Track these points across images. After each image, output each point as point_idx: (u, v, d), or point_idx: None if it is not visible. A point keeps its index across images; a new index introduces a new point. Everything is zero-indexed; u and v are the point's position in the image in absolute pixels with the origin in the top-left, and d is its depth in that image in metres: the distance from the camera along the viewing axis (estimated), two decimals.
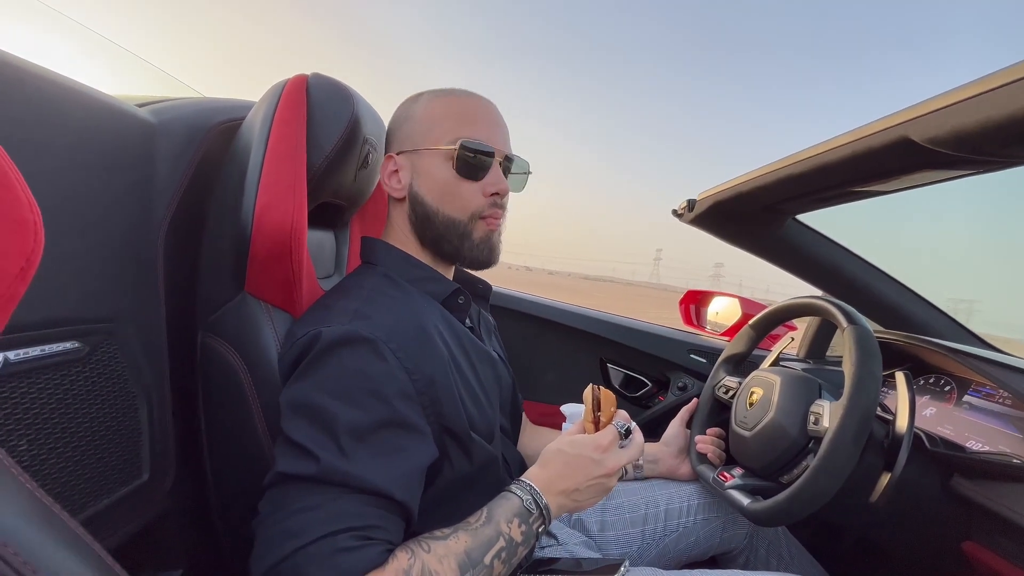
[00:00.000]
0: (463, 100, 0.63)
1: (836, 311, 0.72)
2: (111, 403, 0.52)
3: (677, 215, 1.12)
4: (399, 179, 0.64)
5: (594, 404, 0.59)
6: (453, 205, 0.62)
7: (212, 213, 0.62)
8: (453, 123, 0.61)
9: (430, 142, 0.61)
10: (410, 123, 0.63)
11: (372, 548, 0.43)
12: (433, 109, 0.62)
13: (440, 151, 0.61)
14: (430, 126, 0.61)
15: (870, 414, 0.61)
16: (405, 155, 0.63)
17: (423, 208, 0.63)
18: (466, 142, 0.60)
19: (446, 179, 0.61)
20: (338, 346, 0.49)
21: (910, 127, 0.53)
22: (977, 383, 0.81)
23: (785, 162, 0.75)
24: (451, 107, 0.62)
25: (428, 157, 0.62)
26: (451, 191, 0.61)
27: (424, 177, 0.62)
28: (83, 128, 0.50)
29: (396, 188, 0.64)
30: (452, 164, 0.60)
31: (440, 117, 0.61)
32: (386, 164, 0.64)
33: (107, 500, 0.50)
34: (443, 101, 0.62)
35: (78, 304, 0.48)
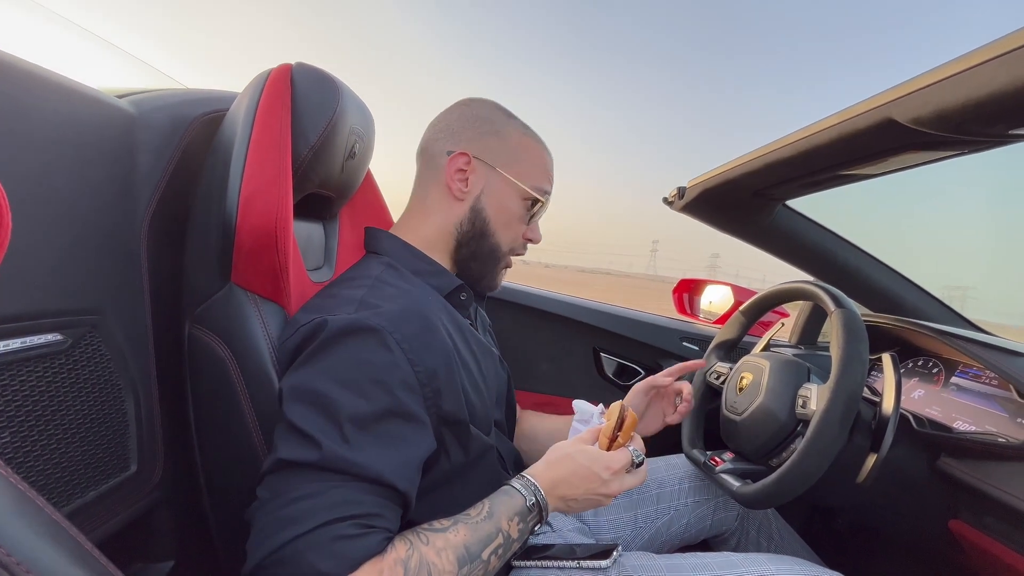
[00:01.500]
0: (547, 153, 0.70)
1: (824, 295, 0.72)
2: (96, 395, 0.51)
3: (668, 203, 1.12)
4: (467, 182, 0.64)
5: (618, 423, 0.59)
6: (504, 235, 0.67)
7: (196, 204, 0.61)
8: (541, 172, 0.68)
9: (516, 175, 0.65)
10: (500, 141, 0.65)
11: (372, 536, 0.43)
12: (528, 146, 0.67)
13: (522, 189, 0.66)
14: (520, 159, 0.66)
15: (856, 396, 0.61)
16: (484, 165, 0.64)
17: (484, 225, 0.65)
18: (547, 199, 0.68)
19: (513, 213, 0.66)
20: (344, 335, 0.49)
21: (894, 107, 0.53)
22: (964, 364, 0.81)
23: (773, 146, 0.75)
24: (541, 155, 0.68)
25: (508, 186, 0.65)
26: (510, 224, 0.67)
27: (496, 198, 0.65)
28: (60, 118, 0.49)
29: (461, 189, 0.64)
30: (526, 207, 0.67)
31: (533, 157, 0.67)
32: (457, 159, 0.63)
33: (94, 492, 0.50)
34: (537, 145, 0.68)
35: (60, 296, 0.48)
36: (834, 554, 0.97)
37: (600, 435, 0.59)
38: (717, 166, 0.94)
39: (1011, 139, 0.56)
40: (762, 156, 0.78)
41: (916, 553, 0.88)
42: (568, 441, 0.60)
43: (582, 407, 0.66)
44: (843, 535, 1.04)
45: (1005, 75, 0.41)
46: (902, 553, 0.91)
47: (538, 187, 0.66)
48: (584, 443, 0.58)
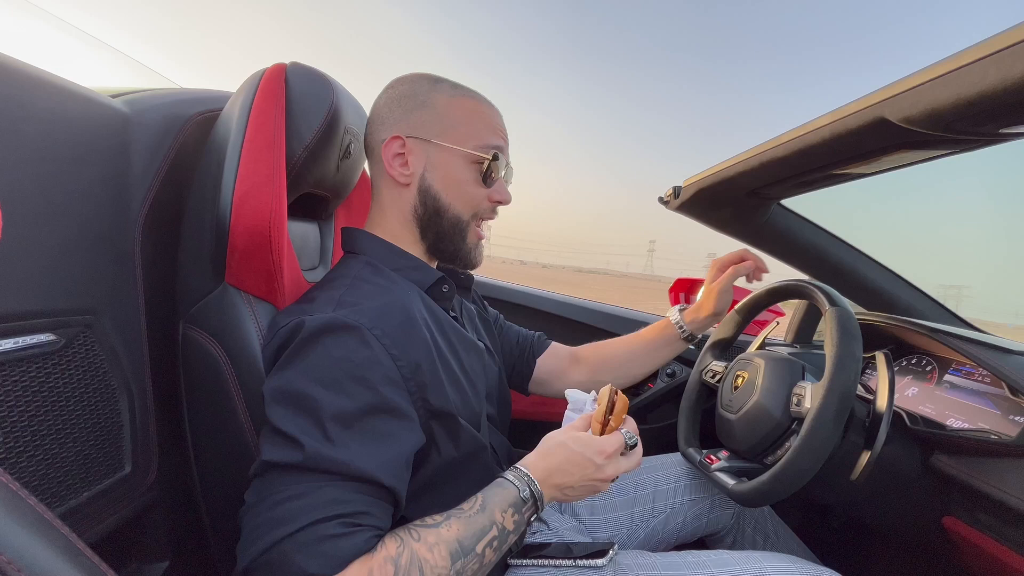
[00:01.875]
0: (488, 107, 0.64)
1: (818, 293, 0.73)
2: (90, 396, 0.51)
3: (663, 202, 1.12)
4: (407, 164, 0.62)
5: (608, 406, 0.58)
6: (462, 203, 0.63)
7: (190, 204, 0.61)
8: (482, 129, 0.63)
9: (455, 140, 0.61)
10: (429, 111, 0.61)
11: (360, 535, 0.43)
12: (459, 107, 0.62)
13: (466, 153, 0.62)
14: (456, 123, 0.62)
15: (850, 394, 0.62)
16: (418, 142, 0.61)
17: (435, 202, 0.63)
18: (498, 153, 0.63)
19: (465, 179, 0.62)
20: (322, 334, 0.49)
21: (885, 107, 0.53)
22: (957, 362, 0.82)
23: (766, 146, 0.76)
24: (479, 111, 0.63)
25: (450, 154, 0.61)
26: (465, 191, 0.63)
27: (441, 172, 0.62)
28: (54, 118, 0.49)
29: (403, 173, 0.62)
30: (479, 169, 0.63)
31: (468, 118, 0.62)
32: (391, 144, 0.61)
33: (88, 493, 0.50)
34: (470, 103, 0.63)
35: (53, 296, 0.48)
36: (830, 551, 0.97)
37: (592, 420, 0.59)
38: (712, 165, 0.94)
39: (1002, 138, 0.56)
40: (756, 155, 0.78)
41: (911, 549, 0.88)
42: (560, 430, 0.59)
43: (575, 396, 0.66)
44: (838, 532, 1.04)
45: (995, 74, 0.41)
46: (897, 550, 0.92)
47: (482, 145, 0.62)
48: (577, 430, 0.58)
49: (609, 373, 0.91)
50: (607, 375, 0.90)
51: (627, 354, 0.91)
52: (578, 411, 0.65)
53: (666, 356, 0.91)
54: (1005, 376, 0.69)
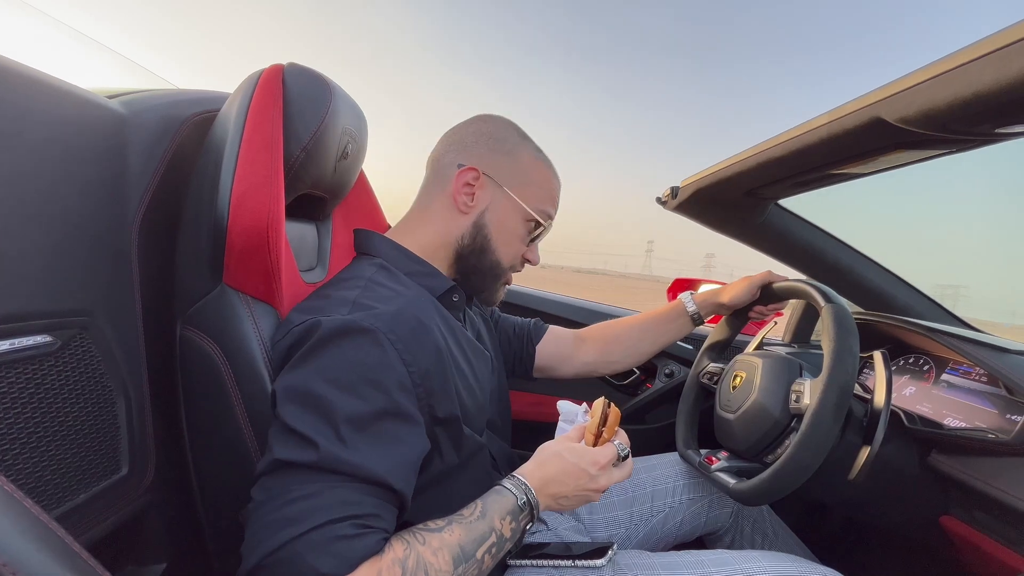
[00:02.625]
0: (556, 180, 0.71)
1: (814, 291, 0.73)
2: (86, 397, 0.51)
3: (661, 203, 1.13)
4: (474, 196, 0.65)
5: (601, 419, 0.59)
6: (505, 253, 0.68)
7: (188, 205, 0.61)
8: (548, 197, 0.69)
9: (523, 196, 0.66)
10: (512, 161, 0.66)
11: (371, 537, 0.43)
12: (538, 169, 0.68)
13: (526, 211, 0.67)
14: (528, 181, 0.67)
15: (849, 388, 0.62)
16: (491, 182, 0.65)
17: (485, 241, 0.66)
18: (550, 223, 0.70)
19: (515, 232, 0.67)
20: (338, 336, 0.49)
21: (882, 107, 0.54)
22: (954, 361, 0.82)
23: (764, 146, 0.76)
24: (550, 180, 0.69)
25: (513, 206, 0.66)
26: (511, 243, 0.68)
27: (500, 216, 0.66)
28: (50, 119, 0.49)
29: (466, 203, 0.65)
30: (528, 229, 0.68)
31: (541, 181, 0.68)
32: (466, 172, 0.64)
33: (85, 495, 0.50)
34: (547, 170, 0.69)
35: (49, 297, 0.48)
36: (828, 550, 0.97)
37: (585, 432, 0.60)
38: (710, 166, 0.95)
39: (997, 138, 0.56)
40: (753, 155, 0.79)
41: (908, 548, 0.89)
42: (555, 440, 0.60)
43: (566, 407, 0.67)
44: (837, 531, 1.05)
45: (990, 74, 0.41)
46: (895, 548, 0.92)
47: (542, 210, 0.68)
48: (570, 441, 0.59)
49: (620, 350, 0.93)
50: (618, 353, 0.93)
51: (638, 331, 0.94)
52: (570, 422, 0.65)
53: (674, 334, 0.93)
54: (1002, 375, 0.70)
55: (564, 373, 0.94)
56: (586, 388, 1.33)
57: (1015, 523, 0.64)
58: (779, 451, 0.72)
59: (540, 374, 0.93)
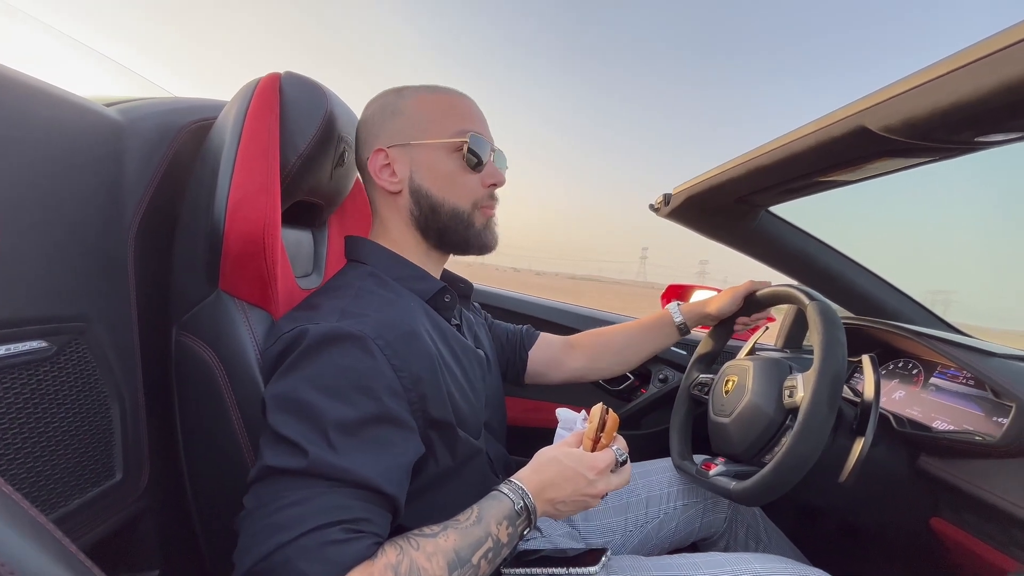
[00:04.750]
0: (456, 96, 0.65)
1: (796, 292, 0.75)
2: (81, 403, 0.51)
3: (654, 209, 1.14)
4: (394, 172, 0.63)
5: (600, 424, 0.59)
6: (457, 195, 0.64)
7: (184, 212, 0.62)
8: (454, 117, 0.63)
9: (431, 135, 0.62)
10: (401, 117, 0.63)
11: (362, 541, 0.43)
12: (428, 103, 0.63)
13: (444, 144, 0.62)
14: (428, 120, 0.63)
15: (841, 376, 0.63)
16: (399, 148, 0.63)
17: (428, 199, 0.63)
18: (474, 136, 0.63)
19: (451, 171, 0.63)
20: (326, 343, 0.49)
21: (866, 115, 0.55)
22: (942, 365, 0.83)
23: (754, 153, 0.77)
24: (447, 102, 0.64)
25: (430, 150, 0.63)
26: (456, 182, 0.63)
27: (426, 170, 0.63)
28: (47, 126, 0.50)
29: (392, 182, 0.63)
30: (461, 156, 0.63)
31: (438, 112, 0.63)
32: (375, 158, 0.63)
33: (79, 500, 0.50)
34: (436, 97, 0.64)
35: (45, 303, 0.48)
36: (821, 554, 0.98)
37: (584, 437, 0.60)
38: (701, 172, 0.96)
39: (978, 146, 0.58)
40: (744, 163, 0.80)
41: (899, 551, 0.89)
42: (553, 446, 0.60)
43: (565, 414, 0.68)
44: (830, 535, 1.05)
45: (968, 85, 0.43)
46: (886, 551, 0.93)
47: (457, 131, 0.63)
48: (569, 446, 0.59)
49: (608, 357, 0.94)
50: (606, 360, 0.94)
51: (625, 339, 0.95)
52: (569, 429, 0.66)
53: (661, 343, 0.95)
54: (988, 378, 0.71)
55: (554, 379, 0.94)
56: (582, 394, 1.33)
57: (1002, 524, 0.65)
58: (776, 450, 0.73)
59: (531, 380, 0.94)
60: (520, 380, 0.93)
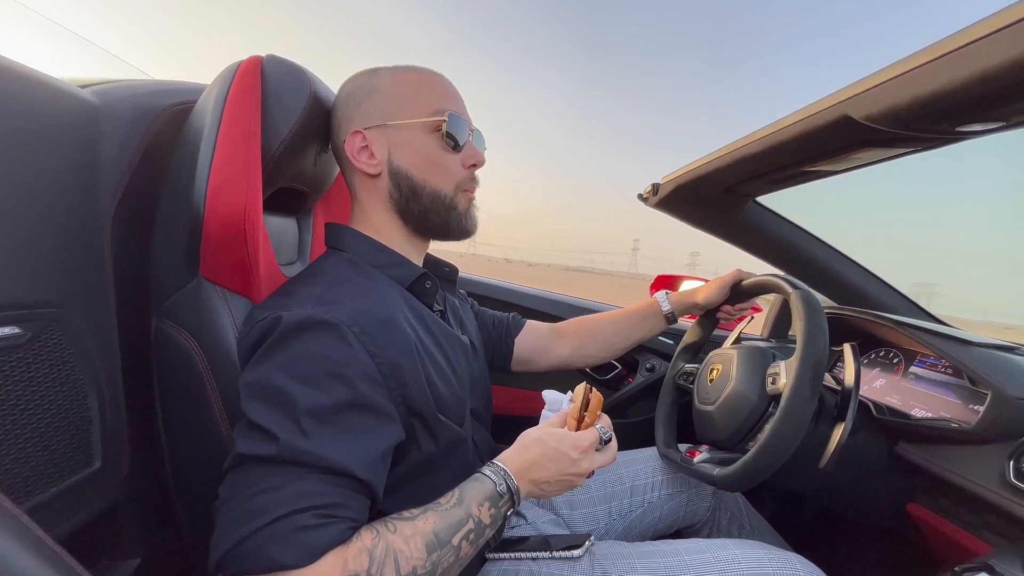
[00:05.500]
0: (432, 75, 0.64)
1: (780, 281, 0.76)
2: (57, 390, 0.50)
3: (643, 199, 1.14)
4: (372, 154, 0.62)
5: (583, 403, 0.59)
6: (439, 177, 0.62)
7: (164, 197, 0.61)
8: (431, 96, 0.62)
9: (408, 115, 0.61)
10: (376, 97, 0.61)
11: (335, 526, 0.43)
12: (403, 83, 0.62)
13: (422, 124, 0.61)
14: (404, 99, 0.61)
15: (822, 362, 0.64)
16: (376, 130, 0.61)
17: (409, 181, 0.62)
18: (452, 115, 0.61)
19: (431, 151, 0.62)
20: (300, 330, 0.49)
21: (849, 105, 0.55)
22: (922, 354, 0.85)
23: (741, 142, 0.77)
24: (423, 81, 0.63)
25: (408, 130, 0.61)
26: (436, 163, 0.62)
27: (405, 150, 0.61)
28: (18, 107, 0.48)
29: (371, 164, 0.62)
30: (440, 136, 0.61)
31: (414, 91, 0.62)
32: (351, 141, 0.61)
33: (56, 488, 0.49)
34: (412, 75, 0.63)
35: (18, 288, 0.47)
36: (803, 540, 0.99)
37: (567, 417, 0.60)
38: (689, 162, 0.96)
39: (959, 136, 0.58)
40: (730, 152, 0.80)
41: (878, 536, 0.91)
42: (537, 427, 0.60)
43: (551, 396, 0.68)
44: (811, 522, 1.07)
45: (945, 75, 0.43)
46: (866, 536, 0.95)
47: (435, 110, 0.61)
48: (552, 426, 0.59)
49: (594, 345, 0.94)
50: (592, 347, 0.94)
51: (613, 327, 0.95)
52: (555, 410, 0.66)
53: (648, 331, 0.95)
54: (965, 366, 0.72)
55: (541, 366, 0.95)
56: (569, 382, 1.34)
57: (976, 509, 0.66)
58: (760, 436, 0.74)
59: (518, 367, 0.94)
60: (507, 367, 0.93)
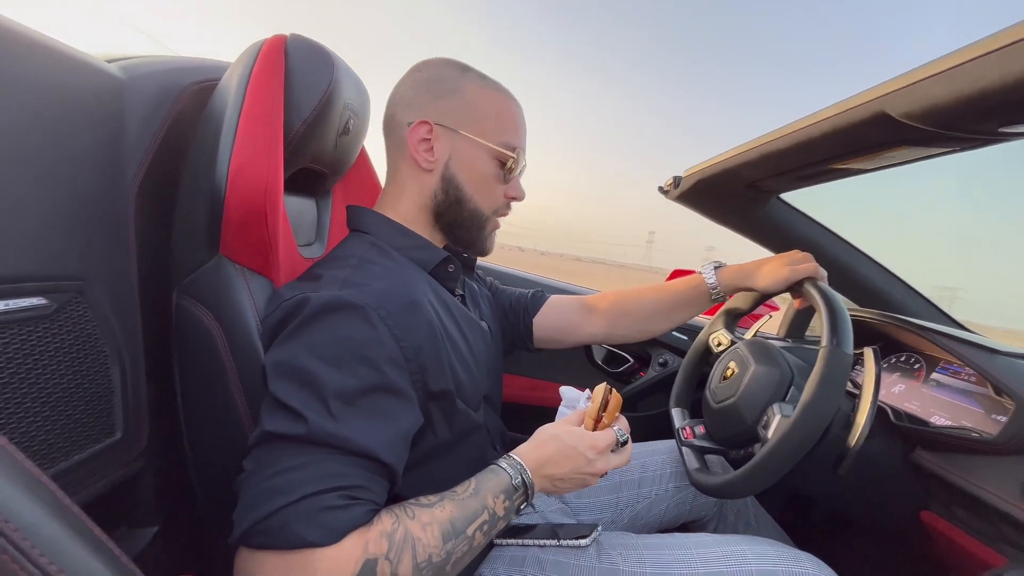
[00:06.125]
0: (515, 105, 0.65)
1: (828, 321, 0.66)
2: (81, 361, 0.52)
3: (663, 192, 1.12)
4: (432, 150, 0.62)
5: (602, 403, 0.59)
6: (483, 198, 0.65)
7: (186, 174, 0.61)
8: (508, 126, 0.64)
9: (482, 134, 0.62)
10: (458, 100, 0.62)
11: (357, 508, 0.44)
12: (486, 99, 0.63)
13: (490, 148, 0.63)
14: (482, 116, 0.62)
15: (809, 441, 0.62)
16: (446, 130, 0.62)
17: (458, 192, 0.63)
18: (520, 154, 0.64)
19: (487, 174, 0.64)
20: (326, 311, 0.49)
21: (887, 101, 0.53)
22: (945, 361, 0.83)
23: (768, 137, 0.75)
24: (506, 108, 0.64)
25: (475, 147, 0.62)
26: (486, 186, 0.64)
27: (465, 163, 0.63)
28: (47, 82, 0.49)
29: (428, 159, 0.62)
30: (499, 165, 0.64)
31: (495, 112, 0.63)
32: (417, 129, 0.61)
33: (78, 456, 0.50)
34: (499, 97, 0.64)
35: (45, 260, 0.48)
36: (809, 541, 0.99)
37: (585, 416, 0.60)
38: (713, 156, 0.94)
39: (1001, 137, 0.56)
40: (757, 147, 0.78)
41: (889, 542, 0.90)
42: (554, 423, 0.60)
43: (569, 393, 0.68)
44: (819, 523, 1.06)
45: (995, 72, 0.41)
46: (876, 542, 0.94)
47: (506, 143, 0.63)
48: (570, 424, 0.59)
49: (630, 323, 0.88)
50: (625, 328, 0.88)
51: (651, 307, 0.87)
52: (571, 407, 0.66)
53: (690, 315, 0.87)
54: (990, 376, 0.70)
55: (567, 343, 0.89)
56: (583, 375, 1.34)
57: (992, 519, 0.65)
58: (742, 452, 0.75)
59: (542, 345, 0.89)
60: (528, 346, 0.89)
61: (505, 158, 0.63)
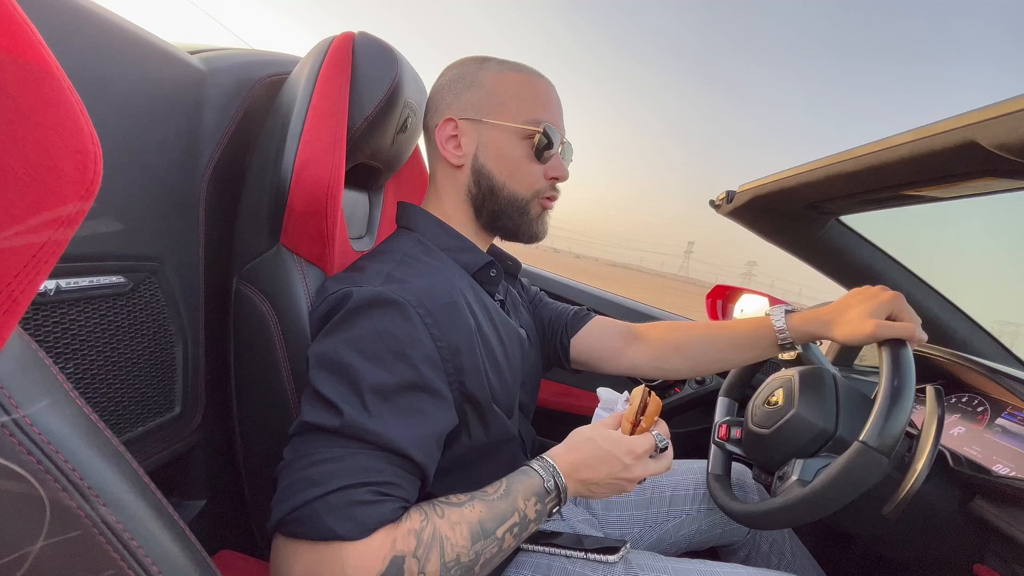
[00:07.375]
0: (538, 80, 0.63)
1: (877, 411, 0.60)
2: (150, 338, 0.54)
3: (715, 206, 1.09)
4: (459, 145, 0.62)
5: (640, 406, 0.57)
6: (519, 182, 0.63)
7: (253, 164, 0.63)
8: (532, 103, 0.62)
9: (504, 117, 0.61)
10: (478, 90, 0.61)
11: (387, 504, 0.44)
12: (508, 82, 0.62)
13: (516, 129, 0.61)
14: (504, 100, 0.61)
15: (813, 517, 0.61)
16: (470, 122, 0.62)
17: (489, 181, 0.63)
18: (548, 128, 0.61)
19: (517, 157, 0.62)
20: (368, 306, 0.50)
21: (978, 130, 0.50)
22: (1013, 406, 0.77)
23: (836, 159, 0.72)
24: (528, 85, 0.62)
25: (500, 132, 0.61)
26: (519, 168, 0.62)
27: (493, 151, 0.62)
28: (138, 71, 0.51)
29: (456, 155, 0.62)
30: (530, 144, 0.62)
31: (517, 93, 0.62)
32: (443, 127, 0.62)
33: (142, 428, 0.53)
34: (519, 77, 0.62)
35: (125, 241, 0.51)
36: None
37: (623, 419, 0.58)
38: (771, 173, 0.91)
39: None
40: (822, 168, 0.75)
41: None
42: (590, 425, 0.59)
43: (606, 395, 0.66)
44: (859, 564, 1.02)
45: None
46: None
47: (531, 119, 0.61)
48: (606, 427, 0.57)
49: (679, 359, 0.79)
50: (676, 361, 0.79)
51: (704, 344, 0.78)
52: (608, 410, 0.64)
53: (749, 359, 0.76)
54: None
55: (608, 369, 0.83)
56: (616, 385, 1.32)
57: None
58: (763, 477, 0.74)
59: (580, 367, 0.85)
60: (564, 365, 0.85)
61: (532, 134, 0.61)
